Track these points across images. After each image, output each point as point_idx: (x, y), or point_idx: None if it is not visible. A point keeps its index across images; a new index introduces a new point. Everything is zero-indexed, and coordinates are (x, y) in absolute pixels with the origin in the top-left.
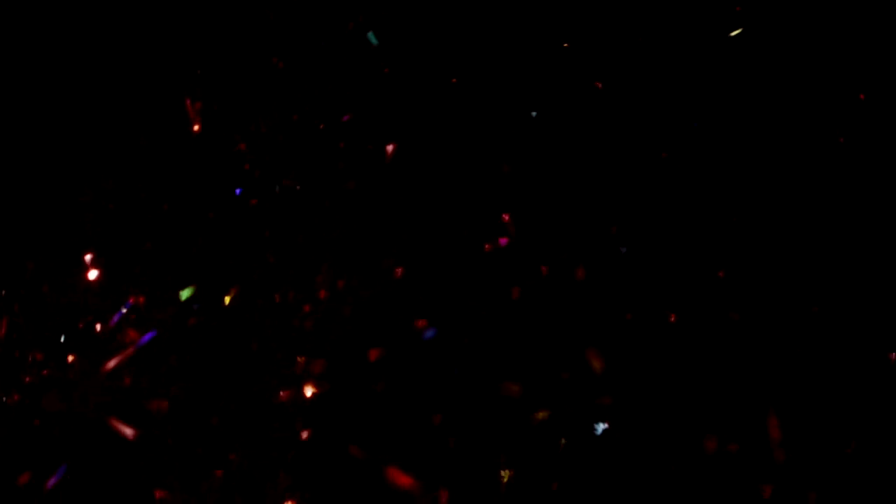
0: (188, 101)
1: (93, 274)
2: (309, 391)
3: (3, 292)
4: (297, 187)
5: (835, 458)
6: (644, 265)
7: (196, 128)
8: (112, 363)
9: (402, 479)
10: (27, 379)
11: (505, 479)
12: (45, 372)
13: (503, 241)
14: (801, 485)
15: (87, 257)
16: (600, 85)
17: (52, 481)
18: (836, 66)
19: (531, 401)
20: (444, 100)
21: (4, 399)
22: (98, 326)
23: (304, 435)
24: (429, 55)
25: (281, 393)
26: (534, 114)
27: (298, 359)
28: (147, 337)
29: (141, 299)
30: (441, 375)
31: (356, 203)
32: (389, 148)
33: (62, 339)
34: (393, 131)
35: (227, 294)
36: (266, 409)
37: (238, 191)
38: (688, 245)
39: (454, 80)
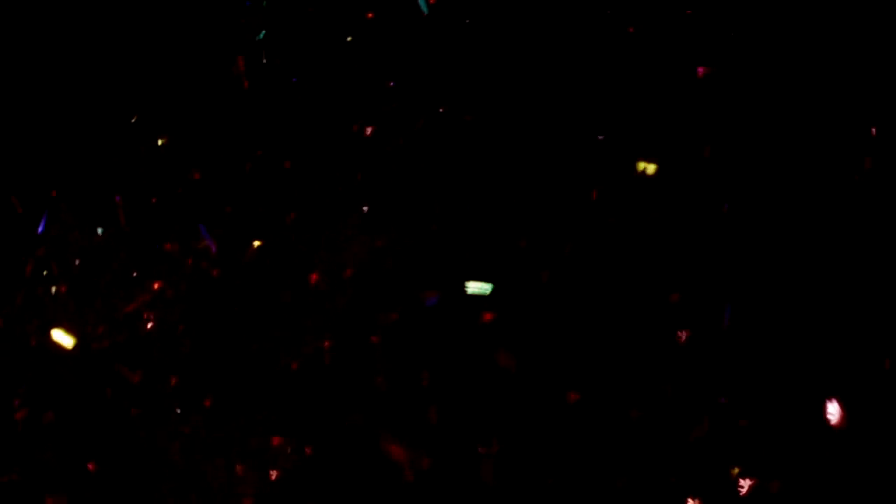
0: (240, 59)
1: (122, 218)
2: (313, 354)
3: (38, 232)
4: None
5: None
6: (650, 252)
7: (245, 84)
8: (131, 307)
9: (394, 449)
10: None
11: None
12: (63, 309)
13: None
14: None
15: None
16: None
17: (48, 417)
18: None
19: (527, 375)
20: (481, 78)
21: (27, 336)
22: (123, 269)
23: (305, 397)
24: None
25: (286, 354)
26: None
27: (306, 322)
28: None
29: (167, 246)
30: (441, 344)
31: (384, 172)
32: (420, 121)
33: (86, 278)
34: (429, 104)
35: (248, 249)
36: (271, 369)
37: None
38: (692, 240)
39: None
